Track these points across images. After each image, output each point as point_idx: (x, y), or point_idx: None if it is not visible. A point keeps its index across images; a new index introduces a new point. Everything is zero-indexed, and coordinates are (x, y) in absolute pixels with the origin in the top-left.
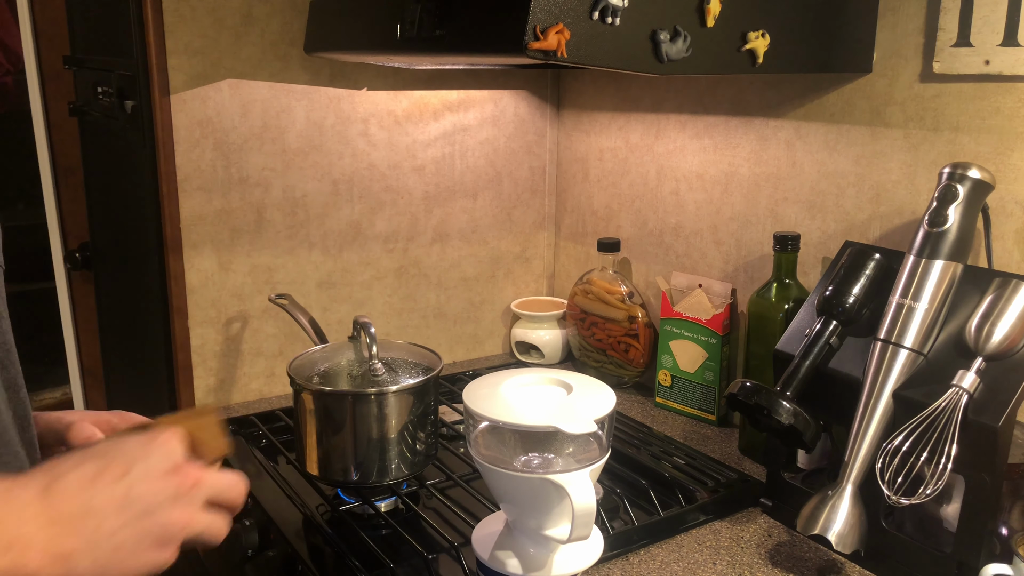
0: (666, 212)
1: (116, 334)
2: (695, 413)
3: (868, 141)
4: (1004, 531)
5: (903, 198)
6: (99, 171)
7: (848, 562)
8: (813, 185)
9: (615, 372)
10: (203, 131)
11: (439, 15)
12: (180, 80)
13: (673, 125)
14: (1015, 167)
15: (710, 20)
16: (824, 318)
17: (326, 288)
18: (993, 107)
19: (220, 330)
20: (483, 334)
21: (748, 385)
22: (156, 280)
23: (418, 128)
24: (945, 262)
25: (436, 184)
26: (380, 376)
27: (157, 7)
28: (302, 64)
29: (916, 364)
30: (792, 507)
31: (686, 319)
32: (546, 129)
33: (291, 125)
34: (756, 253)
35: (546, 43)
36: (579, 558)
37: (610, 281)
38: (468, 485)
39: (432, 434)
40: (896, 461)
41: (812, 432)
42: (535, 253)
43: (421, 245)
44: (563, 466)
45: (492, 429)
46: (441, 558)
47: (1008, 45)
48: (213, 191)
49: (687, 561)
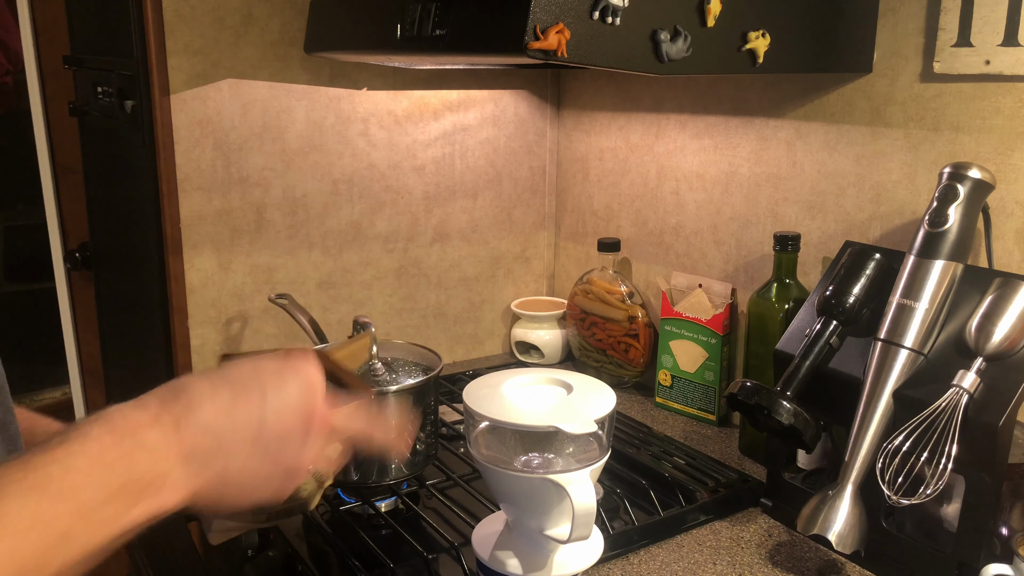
0: (666, 212)
1: (116, 334)
2: (695, 413)
3: (868, 141)
4: (1004, 531)
5: (903, 198)
6: (99, 171)
7: (848, 562)
8: (813, 185)
9: (615, 372)
10: (203, 131)
11: (439, 15)
12: (180, 80)
13: (673, 125)
14: (1015, 167)
15: (710, 20)
16: (824, 318)
17: (326, 288)
18: (993, 107)
19: (220, 330)
20: (483, 334)
21: (748, 385)
22: (156, 280)
23: (418, 128)
24: (945, 262)
25: (436, 184)
26: (380, 376)
27: (157, 7)
28: (302, 64)
29: (916, 364)
30: (792, 507)
31: (686, 319)
32: (546, 129)
33: (291, 125)
34: (756, 253)
35: (546, 43)
36: (579, 558)
37: (610, 281)
38: (468, 485)
39: (432, 434)
40: (896, 461)
41: (812, 432)
42: (535, 253)
43: (421, 245)
44: (563, 466)
45: (492, 429)
46: (441, 558)
47: (1008, 45)
48: (213, 191)
49: (687, 561)
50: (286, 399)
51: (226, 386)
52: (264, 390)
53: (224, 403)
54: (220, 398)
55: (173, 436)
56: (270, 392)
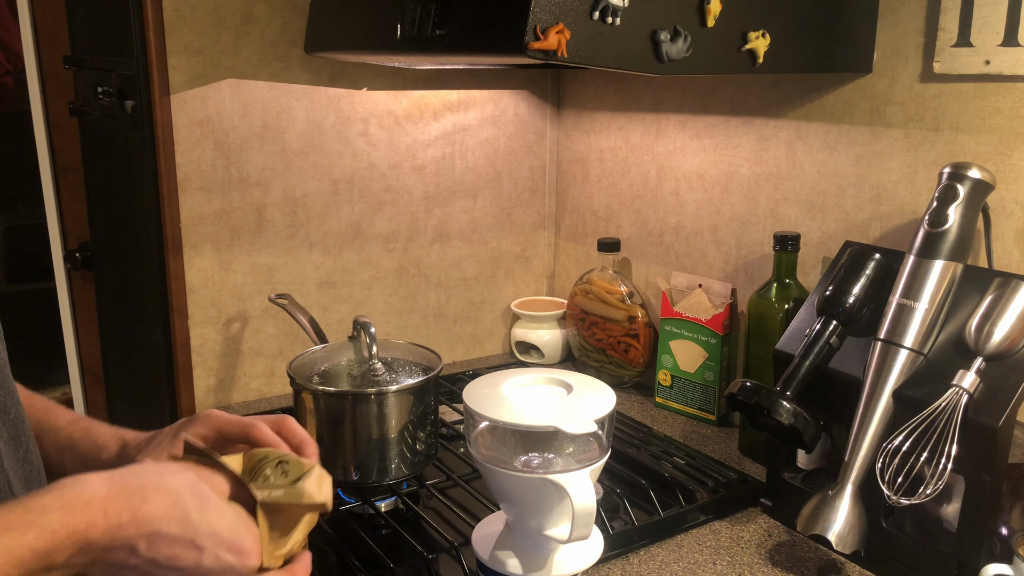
0: (666, 212)
1: (116, 334)
2: (695, 413)
3: (868, 141)
4: (1004, 531)
5: (903, 198)
6: (99, 171)
7: (848, 562)
8: (813, 185)
9: (615, 372)
10: (203, 131)
11: (439, 15)
12: (180, 80)
13: (673, 125)
14: (1015, 167)
15: (710, 20)
16: (824, 318)
17: (326, 288)
18: (993, 107)
19: (220, 330)
20: (483, 334)
21: (748, 385)
22: (156, 280)
23: (418, 128)
24: (945, 262)
25: (436, 184)
26: (380, 376)
27: (157, 7)
28: (302, 64)
29: (916, 364)
30: (792, 507)
31: (686, 319)
32: (546, 129)
33: (291, 125)
34: (756, 253)
35: (546, 43)
36: (579, 558)
37: (610, 281)
38: (468, 485)
39: (432, 434)
40: (896, 461)
41: (812, 432)
42: (535, 253)
43: (421, 245)
44: (563, 466)
45: (492, 429)
46: (441, 558)
47: (1008, 45)
48: (213, 191)
49: (687, 561)
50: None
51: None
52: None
53: (161, 553)
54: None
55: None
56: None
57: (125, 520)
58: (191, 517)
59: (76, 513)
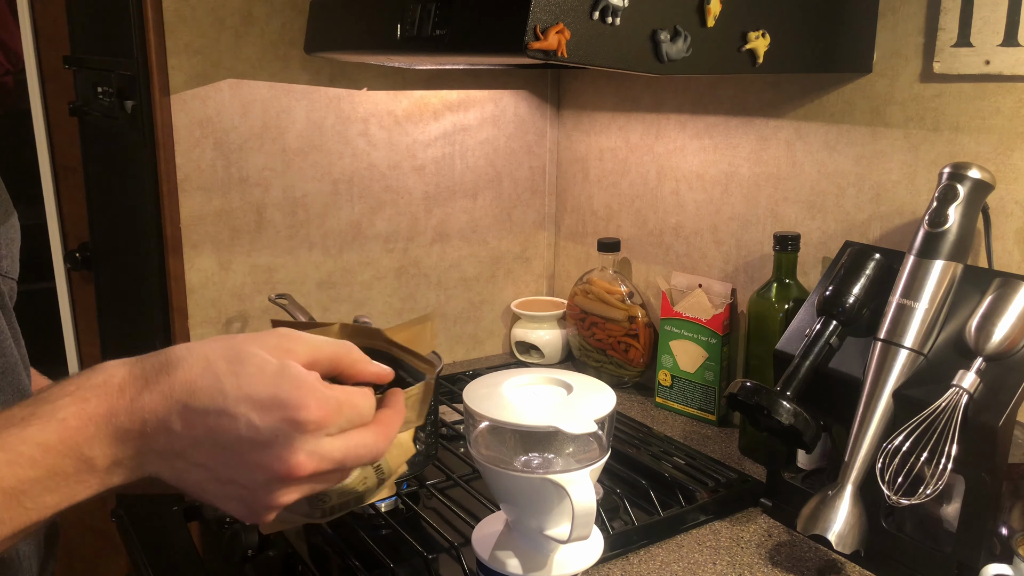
0: (666, 212)
1: (116, 334)
2: (695, 413)
3: (868, 141)
4: (1004, 531)
5: (903, 198)
6: (99, 171)
7: (848, 562)
8: (813, 185)
9: (615, 372)
10: (203, 131)
11: (439, 15)
12: (180, 80)
13: (673, 125)
14: (1015, 167)
15: (710, 20)
16: (824, 318)
17: (326, 288)
18: (993, 107)
19: (220, 330)
20: (483, 334)
21: (748, 385)
22: (156, 280)
23: (418, 128)
24: (945, 262)
25: (436, 184)
26: None
27: (157, 7)
28: (302, 64)
29: (916, 364)
30: (792, 507)
31: (686, 319)
32: (546, 129)
33: (291, 125)
34: (756, 253)
35: (546, 43)
36: (579, 558)
37: (610, 281)
38: (468, 485)
39: (432, 434)
40: (896, 461)
41: (812, 432)
42: (535, 253)
43: (421, 245)
44: (563, 466)
45: (492, 429)
46: (441, 558)
47: (1008, 45)
48: (213, 191)
49: (687, 561)
50: (258, 438)
51: (202, 417)
52: (239, 433)
53: (198, 431)
54: (192, 418)
55: (139, 435)
56: (245, 433)
57: (147, 397)
58: (222, 384)
59: (89, 398)
